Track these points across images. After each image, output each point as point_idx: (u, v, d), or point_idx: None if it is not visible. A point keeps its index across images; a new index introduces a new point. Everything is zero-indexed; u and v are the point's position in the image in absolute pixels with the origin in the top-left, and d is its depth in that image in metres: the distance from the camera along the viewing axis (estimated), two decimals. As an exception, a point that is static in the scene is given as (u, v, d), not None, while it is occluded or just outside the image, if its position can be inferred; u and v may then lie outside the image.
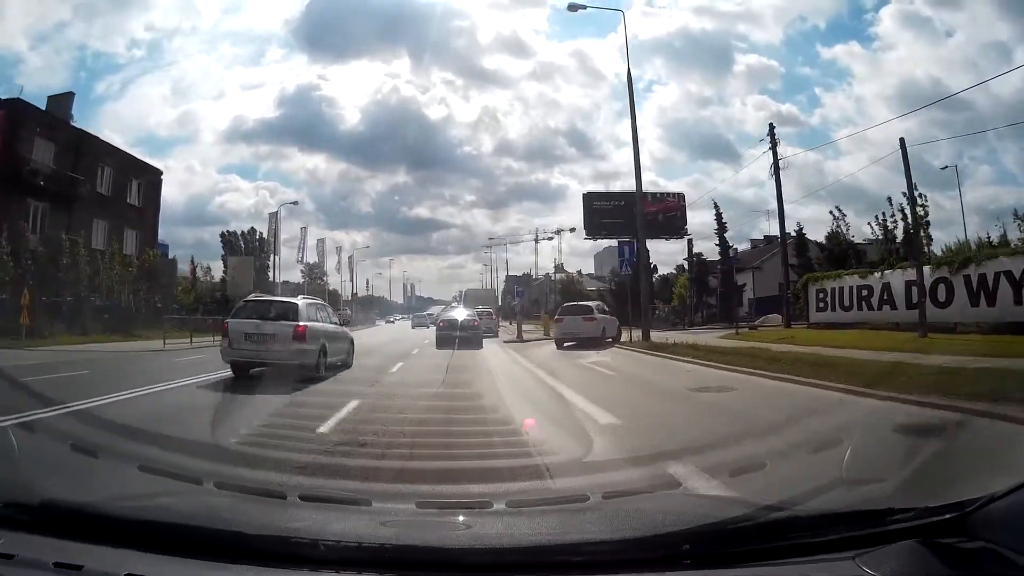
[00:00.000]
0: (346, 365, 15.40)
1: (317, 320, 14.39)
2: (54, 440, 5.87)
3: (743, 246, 60.31)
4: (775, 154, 35.53)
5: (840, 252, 45.78)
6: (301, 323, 13.29)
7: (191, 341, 29.19)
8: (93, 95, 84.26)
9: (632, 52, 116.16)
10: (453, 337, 24.32)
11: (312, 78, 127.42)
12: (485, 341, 26.46)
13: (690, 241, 47.93)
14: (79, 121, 42.67)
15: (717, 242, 46.61)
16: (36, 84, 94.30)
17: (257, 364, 13.04)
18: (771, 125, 36.55)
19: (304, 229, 60.32)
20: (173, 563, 1.87)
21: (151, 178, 46.08)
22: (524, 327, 46.05)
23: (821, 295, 28.88)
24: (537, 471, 5.14)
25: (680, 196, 65.57)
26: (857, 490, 3.32)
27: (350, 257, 75.87)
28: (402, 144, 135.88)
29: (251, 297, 16.36)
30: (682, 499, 3.74)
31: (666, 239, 61.64)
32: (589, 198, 64.90)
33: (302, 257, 59.56)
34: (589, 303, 27.98)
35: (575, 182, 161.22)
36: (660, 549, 1.93)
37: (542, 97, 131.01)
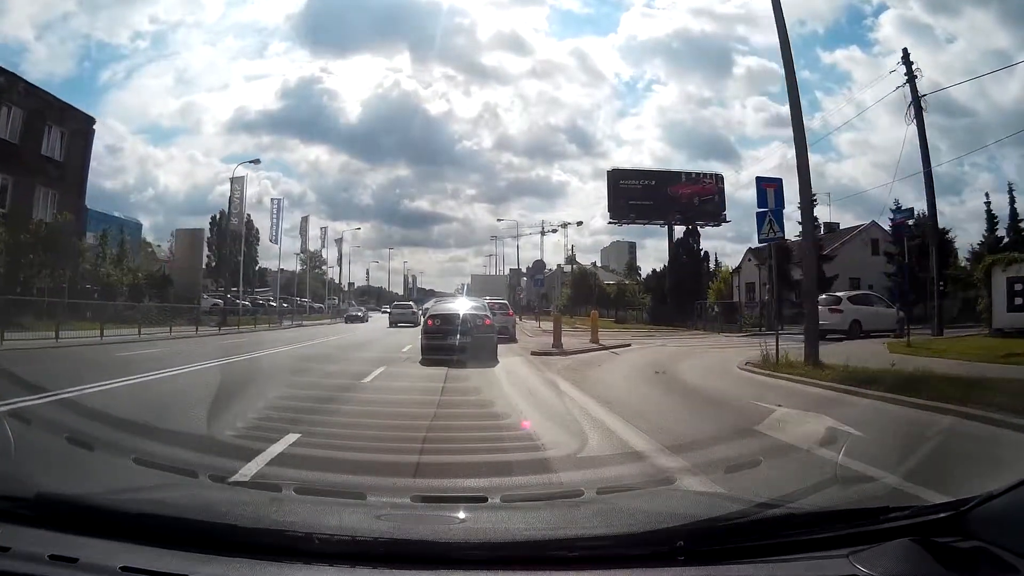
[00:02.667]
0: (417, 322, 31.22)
1: (415, 308, 41.98)
2: (50, 432, 5.31)
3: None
4: (914, 90, 24.30)
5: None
6: (414, 308, 41.76)
7: (57, 338, 19.11)
8: (98, 83, 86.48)
9: (631, 53, 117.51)
10: (450, 345, 13.27)
11: (315, 71, 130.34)
12: (500, 350, 15.05)
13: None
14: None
15: (800, 219, 35.25)
16: (42, 71, 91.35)
17: (401, 323, 36.36)
18: (905, 51, 25.32)
19: (278, 201, 49.05)
20: (168, 556, 1.75)
21: (78, 127, 34.97)
22: (543, 326, 35.06)
23: (1020, 287, 17.95)
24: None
25: (718, 178, 54.55)
26: (853, 488, 3.19)
27: (338, 240, 64.85)
28: (403, 138, 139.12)
29: (396, 302, 54.71)
30: (677, 495, 3.54)
31: (702, 225, 51.58)
32: (615, 176, 53.67)
33: (277, 235, 48.47)
34: (839, 293, 23.38)
35: (576, 179, 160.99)
36: (654, 545, 1.80)
37: (542, 94, 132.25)
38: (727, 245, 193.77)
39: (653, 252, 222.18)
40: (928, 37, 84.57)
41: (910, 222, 22.39)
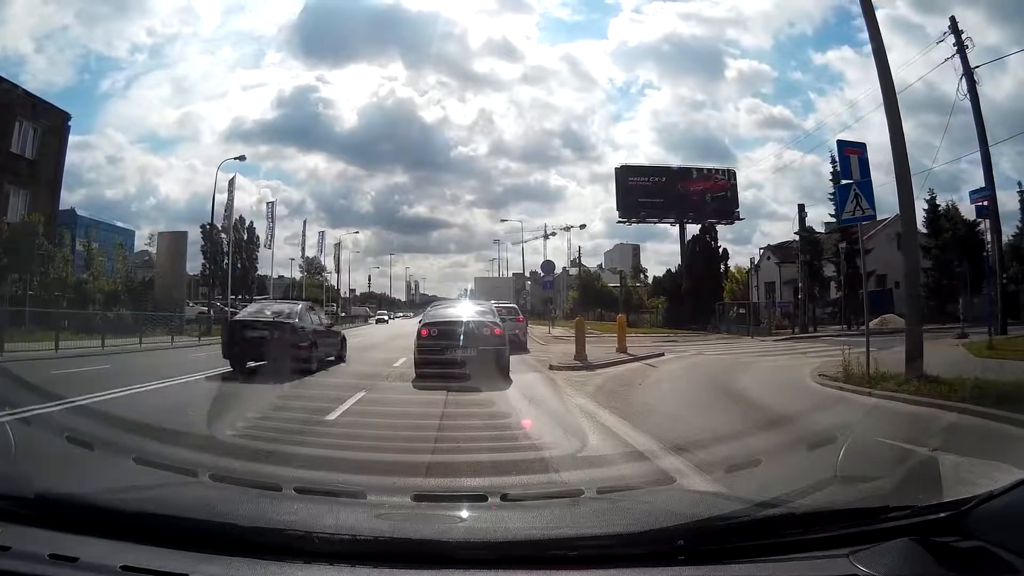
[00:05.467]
0: None
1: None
2: (50, 433, 5.44)
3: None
4: (965, 61, 21.31)
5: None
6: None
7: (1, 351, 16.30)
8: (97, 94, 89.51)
9: (623, 58, 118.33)
10: (450, 361, 10.38)
11: (310, 80, 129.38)
12: (511, 362, 11.96)
13: (801, 207, 33.18)
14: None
15: (833, 211, 32.15)
16: (41, 82, 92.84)
17: None
18: (952, 19, 22.36)
19: (271, 205, 46.39)
20: (168, 555, 1.73)
21: (51, 123, 32.32)
22: (554, 332, 32.06)
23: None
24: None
25: (731, 173, 51.54)
26: (853, 487, 2.95)
27: (337, 244, 62.11)
28: (400, 145, 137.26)
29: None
30: (676, 494, 3.48)
31: (715, 223, 48.66)
32: (624, 173, 50.84)
33: (270, 239, 45.82)
34: None
35: (574, 183, 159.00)
36: (654, 544, 1.77)
37: (537, 100, 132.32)
38: (727, 246, 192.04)
39: (653, 255, 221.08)
40: (919, 35, 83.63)
41: (985, 202, 19.37)
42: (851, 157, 10.21)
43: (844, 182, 10.26)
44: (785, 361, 14.79)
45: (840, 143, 10.70)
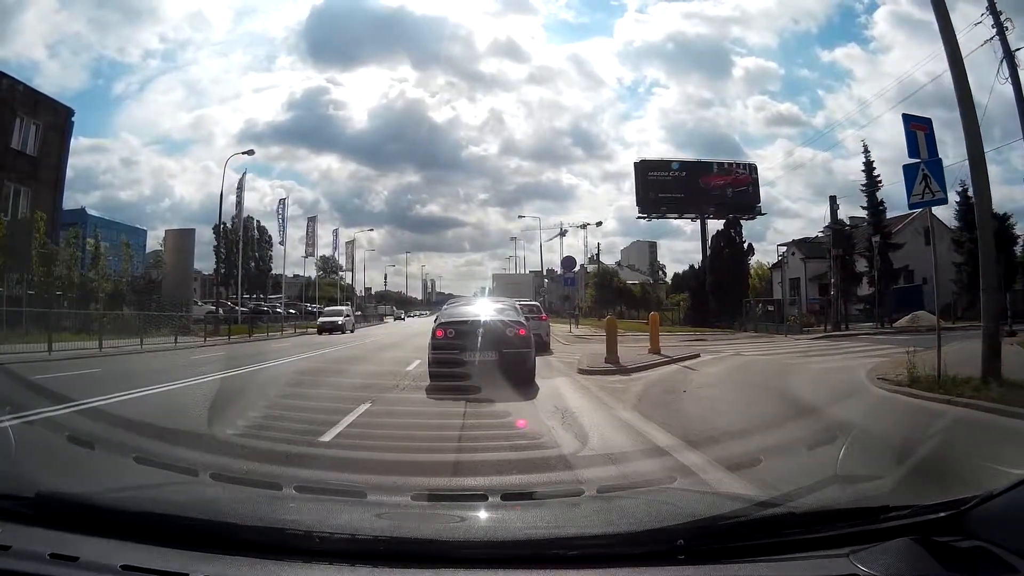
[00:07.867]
0: None
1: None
2: (51, 432, 5.44)
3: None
4: (1005, 43, 19.60)
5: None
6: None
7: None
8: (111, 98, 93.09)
9: (629, 58, 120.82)
10: (468, 365, 9.07)
11: (321, 83, 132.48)
12: (536, 366, 10.62)
13: (833, 198, 31.39)
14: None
15: (865, 204, 30.53)
16: (55, 85, 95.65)
17: None
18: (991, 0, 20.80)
19: (283, 201, 45.49)
20: (168, 554, 1.72)
21: (54, 119, 31.52)
22: (576, 331, 30.76)
23: None
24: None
25: (751, 168, 50.07)
26: (853, 487, 2.93)
27: (350, 243, 61.25)
28: (411, 145, 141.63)
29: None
30: (677, 494, 3.24)
31: (738, 217, 47.07)
32: (643, 168, 49.27)
33: (283, 238, 44.97)
34: None
35: (586, 182, 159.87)
36: (654, 543, 1.76)
37: (546, 100, 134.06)
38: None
39: (668, 252, 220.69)
40: (924, 32, 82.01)
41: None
42: (917, 133, 8.98)
43: (910, 161, 9.01)
44: (835, 362, 13.55)
45: (905, 117, 9.45)
